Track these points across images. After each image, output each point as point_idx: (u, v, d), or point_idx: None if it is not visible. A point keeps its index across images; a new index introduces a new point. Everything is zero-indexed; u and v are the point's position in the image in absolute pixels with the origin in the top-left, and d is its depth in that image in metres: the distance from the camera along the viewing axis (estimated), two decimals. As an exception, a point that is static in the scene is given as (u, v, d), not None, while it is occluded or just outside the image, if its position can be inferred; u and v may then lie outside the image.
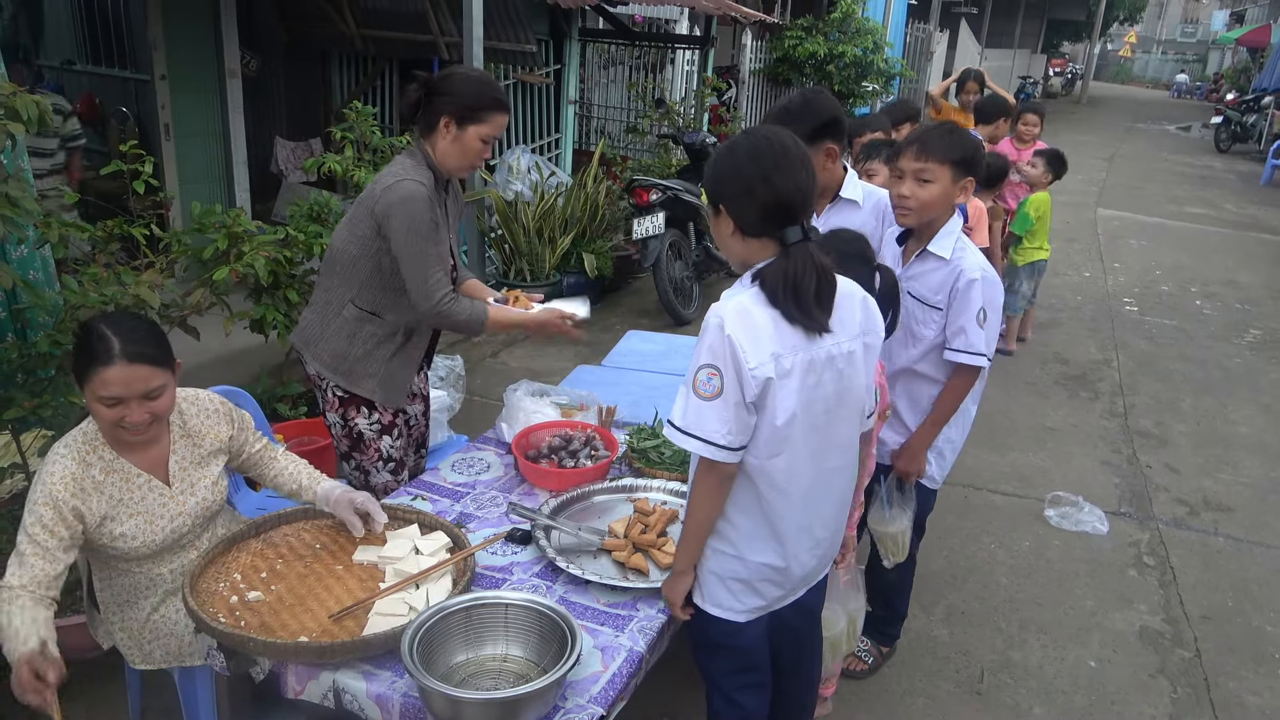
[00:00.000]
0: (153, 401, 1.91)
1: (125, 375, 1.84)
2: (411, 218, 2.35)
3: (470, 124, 2.40)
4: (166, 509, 2.04)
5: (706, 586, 1.93)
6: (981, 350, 2.45)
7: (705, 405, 1.71)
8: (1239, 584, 3.64)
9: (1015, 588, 3.49)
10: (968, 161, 2.43)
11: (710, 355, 1.70)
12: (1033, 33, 27.72)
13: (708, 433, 1.71)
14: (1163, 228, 10.73)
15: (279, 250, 3.33)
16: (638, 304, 6.62)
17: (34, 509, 1.87)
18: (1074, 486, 4.27)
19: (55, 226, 2.64)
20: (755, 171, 1.71)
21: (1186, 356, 6.32)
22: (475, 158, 2.47)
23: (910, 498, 2.66)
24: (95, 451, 1.97)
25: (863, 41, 10.75)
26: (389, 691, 1.74)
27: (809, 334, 1.74)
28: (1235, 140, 18.74)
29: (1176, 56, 48.24)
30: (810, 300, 1.71)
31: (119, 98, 5.88)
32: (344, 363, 2.56)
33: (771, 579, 1.90)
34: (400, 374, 2.62)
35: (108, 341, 1.84)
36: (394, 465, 2.70)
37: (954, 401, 2.55)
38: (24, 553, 1.84)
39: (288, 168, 6.76)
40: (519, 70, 6.77)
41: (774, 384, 1.71)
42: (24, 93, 2.33)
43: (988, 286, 2.44)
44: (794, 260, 1.70)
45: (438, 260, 2.43)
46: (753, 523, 1.85)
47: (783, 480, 1.81)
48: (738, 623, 1.93)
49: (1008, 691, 2.92)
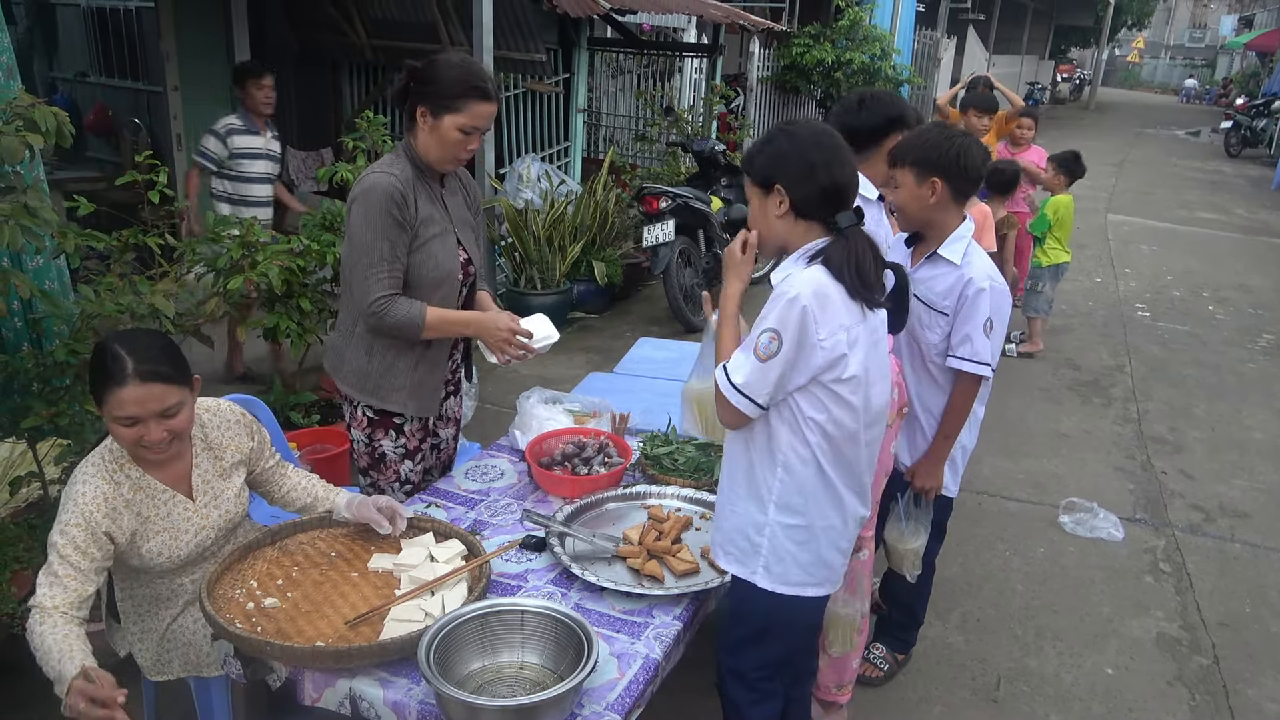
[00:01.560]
0: (170, 419, 1.88)
1: (140, 395, 1.82)
2: (366, 208, 2.25)
3: (446, 114, 2.26)
4: (191, 523, 2.04)
5: (778, 570, 1.94)
6: (986, 359, 2.44)
7: (759, 365, 1.80)
8: (1256, 590, 3.61)
9: (1031, 595, 3.46)
10: (929, 161, 2.40)
11: (777, 321, 1.79)
12: (1040, 39, 27.71)
13: (750, 387, 1.81)
14: (1173, 233, 10.69)
15: (292, 259, 3.35)
16: (648, 311, 6.62)
17: (67, 530, 1.83)
18: (1088, 493, 4.24)
19: (71, 237, 2.66)
20: (819, 156, 1.83)
21: (1199, 362, 6.29)
22: (457, 149, 2.32)
23: (927, 512, 2.65)
24: (123, 470, 1.95)
25: (870, 48, 10.75)
26: (405, 699, 1.73)
27: (864, 311, 1.84)
28: (1245, 145, 18.67)
29: (1185, 61, 48.12)
30: (872, 278, 1.82)
31: (131, 109, 5.94)
32: (369, 380, 2.48)
33: (838, 546, 1.97)
34: (429, 380, 2.53)
35: (121, 361, 1.81)
36: (410, 488, 2.64)
37: (961, 412, 2.55)
38: (57, 574, 1.80)
39: (299, 177, 6.79)
40: (529, 79, 6.80)
41: (848, 355, 1.80)
42: (43, 105, 2.35)
43: (996, 296, 2.44)
44: (854, 241, 1.81)
45: (385, 258, 2.27)
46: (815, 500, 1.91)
47: (850, 450, 1.92)
48: (815, 598, 1.98)
49: (1024, 699, 2.90)
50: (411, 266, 2.36)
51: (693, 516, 2.41)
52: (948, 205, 2.46)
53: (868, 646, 2.89)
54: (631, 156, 8.54)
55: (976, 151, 2.45)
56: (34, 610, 1.79)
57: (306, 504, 2.26)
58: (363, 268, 2.28)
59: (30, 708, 2.58)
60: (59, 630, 1.74)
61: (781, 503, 1.91)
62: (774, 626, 2.02)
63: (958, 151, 2.39)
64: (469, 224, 2.57)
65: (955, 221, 2.50)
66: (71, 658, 1.69)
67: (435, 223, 2.39)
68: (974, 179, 2.46)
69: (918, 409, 2.62)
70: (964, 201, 2.51)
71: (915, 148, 2.45)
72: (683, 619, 2.03)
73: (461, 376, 2.79)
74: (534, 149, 7.14)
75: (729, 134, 9.23)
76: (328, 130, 7.17)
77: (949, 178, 2.41)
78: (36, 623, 1.76)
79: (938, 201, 2.43)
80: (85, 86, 6.35)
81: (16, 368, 2.64)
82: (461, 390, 2.83)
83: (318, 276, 3.66)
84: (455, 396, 2.77)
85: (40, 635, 1.74)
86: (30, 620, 1.78)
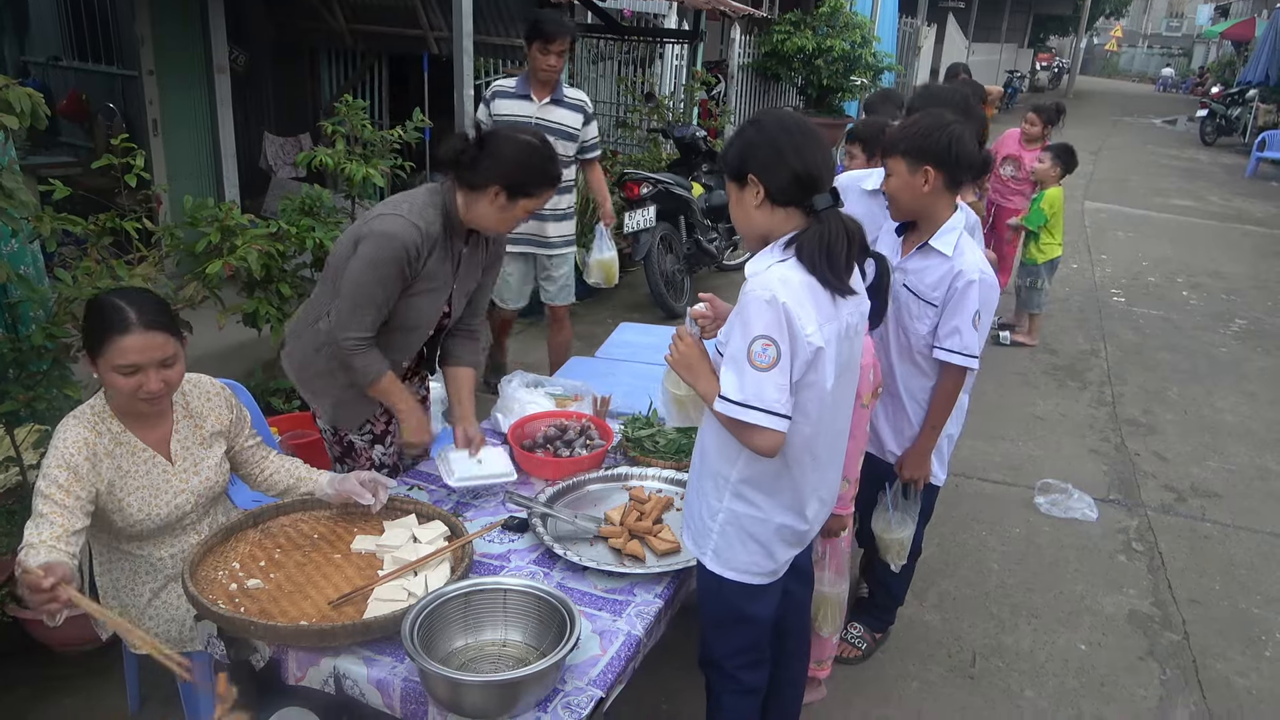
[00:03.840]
0: (168, 370, 1.96)
1: (143, 342, 1.89)
2: (378, 251, 2.22)
3: (521, 197, 2.29)
4: (170, 484, 2.07)
5: (725, 552, 1.96)
6: (974, 353, 2.44)
7: (764, 376, 1.72)
8: (1226, 568, 3.68)
9: (1006, 574, 3.52)
10: (921, 150, 2.37)
11: (764, 326, 1.72)
12: (1019, 27, 27.84)
13: (768, 402, 1.72)
14: (1149, 220, 10.81)
15: (271, 244, 3.33)
16: (629, 298, 6.63)
17: (48, 473, 1.88)
18: (1063, 474, 4.31)
19: (47, 221, 2.64)
20: (787, 140, 1.79)
21: (1173, 346, 6.38)
22: (513, 225, 2.39)
23: (915, 503, 2.67)
24: (104, 423, 2.00)
25: (851, 35, 10.77)
26: (389, 676, 1.75)
27: (834, 302, 1.80)
28: (1220, 133, 18.87)
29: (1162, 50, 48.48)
30: (842, 264, 1.78)
31: (106, 94, 5.85)
32: (305, 372, 2.50)
33: (790, 540, 1.97)
34: (356, 406, 2.51)
35: (123, 311, 1.89)
36: (387, 472, 2.65)
37: (947, 403, 2.55)
38: (42, 513, 1.82)
39: (276, 163, 6.74)
40: (509, 64, 6.77)
41: (822, 352, 1.77)
42: (16, 85, 2.32)
43: (985, 289, 2.42)
44: (828, 224, 1.77)
45: (375, 304, 2.28)
46: (771, 491, 1.91)
47: (819, 446, 1.91)
48: (756, 586, 1.98)
49: (999, 675, 2.95)
50: (393, 312, 2.36)
51: (673, 497, 2.43)
52: (940, 194, 2.42)
53: (845, 626, 2.92)
54: (612, 143, 8.52)
55: (969, 139, 2.40)
56: (22, 549, 1.79)
57: (289, 485, 2.28)
58: (351, 303, 2.28)
59: (13, 691, 2.57)
60: (40, 554, 1.74)
61: (737, 491, 1.92)
62: (728, 611, 2.03)
63: (949, 139, 2.35)
64: (473, 280, 2.56)
65: (948, 211, 2.46)
66: (37, 556, 1.72)
67: (435, 279, 2.38)
68: (967, 166, 2.41)
69: (905, 398, 2.61)
70: (956, 190, 2.48)
71: (907, 136, 2.41)
72: (664, 597, 2.05)
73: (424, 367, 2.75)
74: (515, 135, 7.11)
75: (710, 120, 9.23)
76: (305, 116, 7.11)
77: (942, 166, 2.37)
78: (24, 557, 1.77)
79: (930, 190, 2.39)
80: (58, 70, 6.24)
81: (-7, 353, 2.62)
82: (425, 373, 2.80)
83: (297, 261, 3.64)
84: (412, 380, 2.73)
85: (27, 555, 1.74)
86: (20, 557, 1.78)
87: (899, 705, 2.79)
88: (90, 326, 1.92)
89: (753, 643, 2.07)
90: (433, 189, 2.37)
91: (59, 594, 1.60)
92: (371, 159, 3.89)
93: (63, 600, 1.61)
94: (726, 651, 2.08)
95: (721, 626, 2.06)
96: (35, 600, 1.61)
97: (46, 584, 1.59)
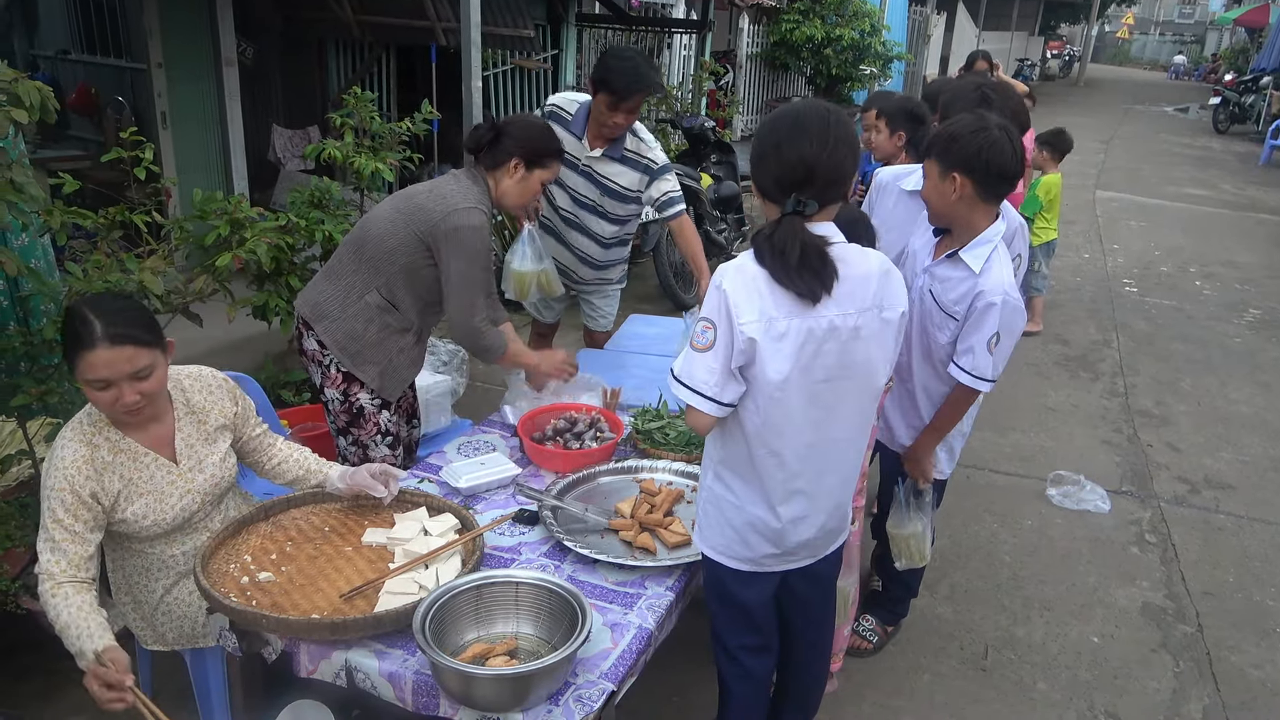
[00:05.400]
0: (142, 382, 1.88)
1: (109, 357, 1.82)
2: (476, 247, 2.53)
3: (537, 168, 2.62)
4: (175, 487, 2.05)
5: (705, 529, 2.01)
6: (986, 375, 2.34)
7: (698, 357, 1.80)
8: (1240, 560, 3.66)
9: (1018, 566, 3.51)
10: (951, 155, 2.26)
11: (708, 309, 1.79)
12: (1030, 15, 27.61)
13: (697, 383, 1.80)
14: (1161, 209, 10.73)
15: (281, 237, 3.33)
16: (638, 289, 6.61)
17: (52, 495, 1.87)
18: (1075, 466, 4.29)
19: (58, 214, 2.63)
20: (770, 140, 1.79)
21: (1186, 336, 6.34)
22: (532, 198, 2.69)
23: (927, 501, 2.63)
24: (101, 433, 1.97)
25: (860, 24, 10.71)
26: (401, 669, 1.75)
27: (802, 301, 1.76)
28: (1233, 121, 18.70)
29: (1174, 38, 48.09)
30: (794, 268, 1.73)
31: (115, 87, 5.85)
32: (354, 344, 2.63)
33: (764, 534, 1.94)
34: (404, 371, 2.73)
35: (90, 325, 1.82)
36: (391, 439, 2.76)
37: (953, 413, 2.50)
38: (54, 538, 1.85)
39: (285, 156, 6.74)
40: (516, 56, 6.75)
41: (760, 345, 1.75)
42: (26, 79, 2.32)
43: (1007, 312, 2.30)
44: (781, 229, 1.75)
45: (486, 290, 2.63)
46: (743, 481, 1.92)
47: (776, 443, 1.85)
48: (733, 570, 1.99)
49: (1012, 667, 2.94)
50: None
51: (684, 490, 2.42)
52: (974, 204, 2.30)
53: (857, 618, 2.92)
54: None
55: (1006, 146, 2.22)
56: (42, 578, 1.83)
57: (298, 475, 2.27)
58: (469, 295, 2.57)
59: (27, 683, 2.59)
60: (72, 602, 1.79)
61: (717, 473, 1.97)
62: (716, 588, 2.06)
63: (981, 146, 2.21)
64: None
65: (984, 221, 2.33)
66: (90, 635, 1.75)
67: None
68: (1000, 175, 2.25)
69: (920, 393, 2.57)
70: (995, 201, 2.33)
71: (941, 139, 2.31)
72: (674, 589, 2.05)
73: None
74: (522, 126, 7.09)
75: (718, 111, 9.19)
76: (313, 108, 7.11)
77: (972, 174, 2.24)
78: (49, 594, 1.80)
79: (960, 199, 2.28)
80: (67, 64, 6.25)
81: (4, 346, 2.62)
82: None
83: (306, 254, 3.64)
84: None
85: (55, 609, 1.79)
86: (41, 589, 1.82)
87: (911, 697, 2.78)
88: (65, 337, 1.86)
89: (749, 625, 2.07)
90: (473, 177, 2.62)
91: (127, 698, 1.66)
92: (380, 151, 3.88)
93: (129, 703, 1.66)
94: (726, 631, 2.09)
95: (716, 603, 2.09)
96: (104, 696, 1.65)
97: (128, 682, 1.66)
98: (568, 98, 3.33)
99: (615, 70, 3.05)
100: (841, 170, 1.77)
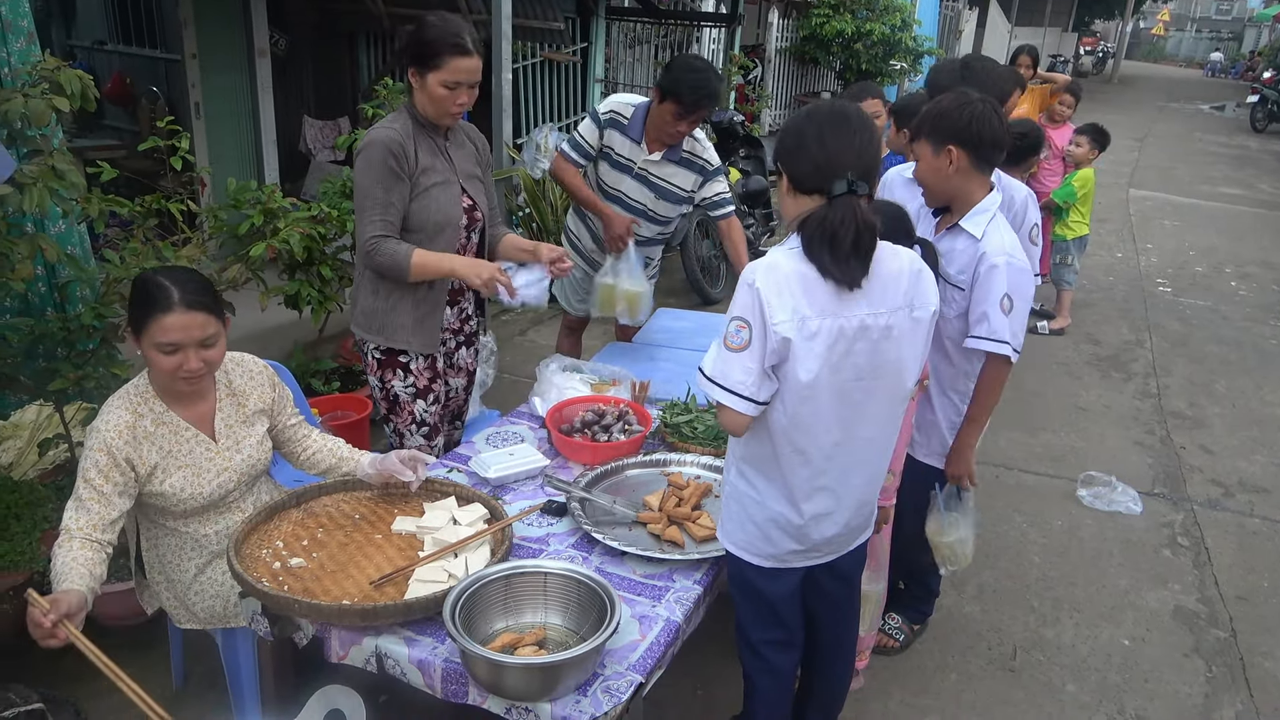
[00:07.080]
0: (208, 350, 1.99)
1: (184, 321, 1.92)
2: (367, 159, 2.41)
3: (429, 71, 2.39)
4: (213, 463, 2.10)
5: (728, 525, 2.01)
6: (1005, 337, 2.31)
7: (733, 356, 1.78)
8: (1275, 564, 3.60)
9: (1048, 566, 3.47)
10: (943, 129, 2.36)
11: (740, 309, 1.78)
12: (1064, 10, 27.23)
13: (732, 383, 1.78)
14: (1196, 208, 10.55)
15: (313, 226, 3.36)
16: (665, 283, 6.59)
17: (89, 455, 1.94)
18: (1107, 467, 4.23)
19: (95, 201, 2.67)
20: (811, 128, 1.78)
21: (1221, 338, 6.23)
22: (447, 104, 2.43)
23: (969, 505, 2.58)
24: (146, 404, 2.04)
25: (890, 19, 10.60)
26: (430, 657, 1.76)
27: (840, 293, 1.75)
28: (1271, 119, 18.36)
29: (1211, 34, 47.24)
30: (846, 251, 1.71)
31: (149, 78, 5.92)
32: (375, 318, 2.63)
33: (786, 530, 1.94)
34: (430, 319, 2.65)
35: (166, 290, 1.92)
36: (428, 430, 2.76)
37: (987, 397, 2.45)
38: (82, 497, 1.92)
39: (316, 147, 6.78)
40: (546, 48, 6.75)
41: (794, 344, 1.74)
42: (67, 68, 2.35)
43: (1013, 273, 2.32)
44: (836, 209, 1.72)
45: (379, 204, 2.42)
46: (765, 478, 1.91)
47: (802, 441, 1.85)
48: (756, 566, 1.98)
49: (1040, 668, 2.91)
50: (413, 213, 2.50)
51: (712, 484, 2.42)
52: (969, 174, 2.38)
53: (884, 617, 2.90)
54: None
55: (992, 116, 2.35)
56: (60, 535, 1.88)
57: (331, 465, 2.30)
58: (360, 211, 2.45)
59: (59, 663, 2.63)
60: (72, 553, 1.84)
61: (739, 469, 1.96)
62: (741, 581, 2.05)
63: (970, 117, 2.32)
64: (475, 176, 2.70)
65: (980, 192, 2.42)
66: (60, 579, 1.80)
67: (437, 172, 2.53)
68: (991, 143, 2.35)
69: (930, 385, 2.55)
70: (988, 170, 2.44)
71: (929, 117, 2.40)
72: (702, 583, 2.04)
73: (475, 327, 2.89)
74: (552, 119, 7.10)
75: (747, 105, 9.15)
76: (344, 100, 7.15)
77: (965, 144, 2.34)
78: (58, 546, 1.86)
79: (957, 171, 2.36)
80: (102, 54, 6.33)
81: (42, 331, 2.66)
82: (476, 344, 2.93)
83: (337, 244, 3.67)
84: (469, 348, 2.89)
85: (57, 557, 1.85)
86: (55, 546, 1.87)
87: (938, 696, 2.76)
88: (135, 303, 1.96)
89: (774, 620, 2.06)
90: (402, 105, 2.56)
91: (58, 633, 1.67)
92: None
93: (61, 638, 1.68)
94: (751, 625, 2.09)
95: (740, 597, 2.08)
96: (36, 634, 1.68)
97: (47, 622, 1.66)
98: (623, 100, 3.28)
99: (686, 83, 3.01)
100: (877, 160, 1.80)
